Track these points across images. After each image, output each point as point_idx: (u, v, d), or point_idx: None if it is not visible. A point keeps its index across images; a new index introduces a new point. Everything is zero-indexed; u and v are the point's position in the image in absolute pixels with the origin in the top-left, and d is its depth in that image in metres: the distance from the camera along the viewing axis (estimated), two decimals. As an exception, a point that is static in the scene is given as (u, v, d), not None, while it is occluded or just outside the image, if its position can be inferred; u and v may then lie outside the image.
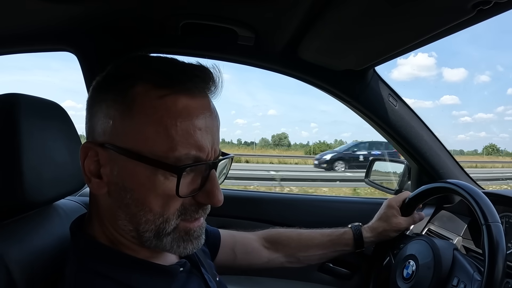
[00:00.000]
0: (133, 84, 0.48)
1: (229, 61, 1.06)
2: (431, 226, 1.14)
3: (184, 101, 0.48)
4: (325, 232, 0.94)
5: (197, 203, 0.52)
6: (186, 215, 0.51)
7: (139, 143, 0.47)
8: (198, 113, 0.49)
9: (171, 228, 0.50)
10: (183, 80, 0.49)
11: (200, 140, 0.48)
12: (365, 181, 1.40)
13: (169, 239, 0.51)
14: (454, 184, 0.80)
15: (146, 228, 0.50)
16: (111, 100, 0.49)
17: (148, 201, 0.49)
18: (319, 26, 0.79)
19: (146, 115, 0.47)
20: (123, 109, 0.48)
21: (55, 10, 0.82)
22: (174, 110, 0.47)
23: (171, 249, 0.52)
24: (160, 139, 0.47)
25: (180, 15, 0.86)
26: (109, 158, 0.49)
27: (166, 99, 0.48)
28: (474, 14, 0.62)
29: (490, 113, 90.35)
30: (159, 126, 0.47)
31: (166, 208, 0.49)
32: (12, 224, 0.62)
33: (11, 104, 0.59)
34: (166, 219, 0.50)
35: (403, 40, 0.77)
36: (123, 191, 0.49)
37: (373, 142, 14.17)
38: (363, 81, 1.05)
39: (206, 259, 0.73)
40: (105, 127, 0.49)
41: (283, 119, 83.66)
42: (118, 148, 0.48)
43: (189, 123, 0.48)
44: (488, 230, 0.68)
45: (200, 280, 0.62)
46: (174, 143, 0.47)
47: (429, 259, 0.79)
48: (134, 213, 0.49)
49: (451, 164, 1.17)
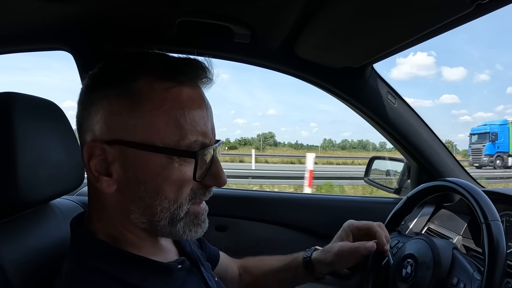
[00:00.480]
0: (135, 79, 0.50)
1: (226, 59, 1.06)
2: (431, 225, 1.14)
3: (187, 91, 0.51)
4: (282, 257, 0.90)
5: (204, 187, 0.55)
6: (196, 198, 0.54)
7: (151, 134, 0.49)
8: (199, 102, 0.52)
9: (184, 213, 0.53)
10: (185, 72, 0.51)
11: (204, 128, 0.52)
12: (365, 179, 1.39)
13: (182, 224, 0.54)
14: (454, 183, 0.79)
15: (162, 217, 0.52)
16: (114, 96, 0.50)
17: (163, 189, 0.51)
18: (314, 24, 0.79)
19: (155, 107, 0.49)
20: (130, 104, 0.49)
21: (50, 9, 0.82)
22: (181, 100, 0.50)
23: (183, 234, 0.54)
24: (170, 129, 0.49)
25: (175, 13, 0.86)
26: (119, 154, 0.50)
27: (172, 91, 0.50)
28: (473, 8, 0.61)
29: (490, 112, 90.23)
30: (168, 116, 0.49)
31: (179, 194, 0.52)
32: (8, 223, 0.62)
33: (6, 103, 0.59)
34: (180, 205, 0.52)
35: (401, 36, 0.77)
36: (136, 185, 0.50)
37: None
38: (361, 79, 1.04)
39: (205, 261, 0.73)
40: (110, 123, 0.50)
41: (283, 119, 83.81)
42: (129, 143, 0.49)
43: (194, 112, 0.51)
44: (488, 228, 0.66)
45: (199, 279, 0.62)
46: (184, 131, 0.50)
47: (428, 258, 0.79)
48: (148, 205, 0.51)
49: (451, 163, 1.17)
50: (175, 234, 0.54)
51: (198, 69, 0.53)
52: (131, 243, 0.54)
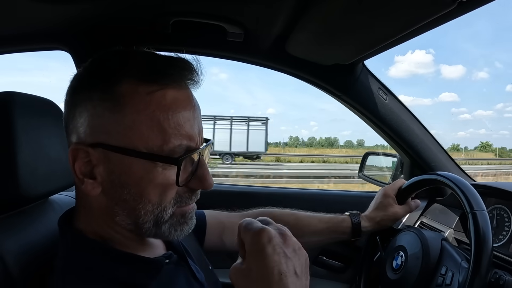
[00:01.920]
0: (119, 81, 0.48)
1: (220, 58, 1.07)
2: (423, 219, 1.15)
3: (172, 94, 0.49)
4: (323, 219, 0.92)
5: (190, 190, 0.54)
6: (181, 202, 0.53)
7: (133, 139, 0.48)
8: (185, 104, 0.51)
9: (168, 216, 0.52)
10: (169, 74, 0.50)
11: (190, 130, 0.50)
12: (359, 175, 1.40)
13: (167, 226, 0.53)
14: (441, 175, 0.81)
15: (146, 219, 0.51)
16: (98, 98, 0.49)
17: (146, 193, 0.50)
18: (304, 21, 0.80)
19: (138, 111, 0.48)
20: (113, 107, 0.48)
21: (48, 10, 0.83)
22: (164, 104, 0.48)
23: (169, 235, 0.54)
24: (153, 133, 0.48)
25: (170, 13, 0.87)
26: (102, 157, 0.49)
27: (155, 94, 0.48)
28: (455, 7, 0.62)
29: (489, 110, 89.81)
30: (151, 121, 0.48)
31: (163, 197, 0.51)
32: (8, 219, 0.63)
33: (5, 101, 0.60)
34: (164, 208, 0.51)
35: (387, 34, 0.78)
36: (120, 188, 0.50)
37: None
38: (352, 75, 1.05)
39: (196, 247, 0.73)
40: (94, 126, 0.49)
41: (283, 118, 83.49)
42: (112, 147, 0.48)
43: (179, 115, 0.49)
44: (474, 218, 0.68)
45: (187, 272, 0.62)
46: (168, 136, 0.48)
47: (418, 249, 0.80)
48: (132, 207, 0.50)
49: (442, 157, 1.18)
50: (161, 235, 0.54)
51: (184, 70, 0.51)
52: (117, 241, 0.54)
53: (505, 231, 0.91)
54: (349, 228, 0.90)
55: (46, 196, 0.71)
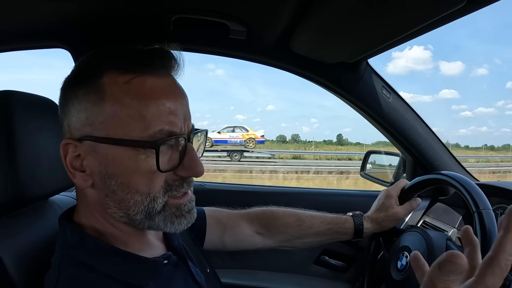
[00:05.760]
0: (100, 75, 0.50)
1: (222, 55, 1.06)
2: (426, 218, 1.15)
3: (151, 81, 0.51)
4: (326, 219, 0.91)
5: (180, 178, 0.54)
6: (172, 191, 0.53)
7: (115, 129, 0.50)
8: (166, 91, 0.52)
9: (161, 206, 0.52)
10: (147, 62, 0.51)
11: (172, 116, 0.51)
12: (361, 174, 1.40)
13: (161, 218, 0.53)
14: (445, 175, 0.81)
15: (136, 210, 0.52)
16: (82, 94, 0.51)
17: (133, 182, 0.51)
18: (309, 19, 0.79)
19: (118, 101, 0.50)
20: (95, 100, 0.50)
21: (48, 7, 0.82)
22: (143, 91, 0.50)
23: (165, 227, 0.54)
24: (134, 121, 0.49)
25: (171, 10, 0.86)
26: (90, 149, 0.51)
27: (133, 82, 0.50)
28: (464, 4, 0.61)
29: (490, 107, 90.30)
30: (130, 109, 0.49)
31: (151, 186, 0.51)
32: (8, 219, 0.62)
33: (5, 101, 0.60)
34: (153, 198, 0.52)
35: (394, 32, 0.77)
36: (108, 179, 0.51)
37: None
38: (356, 74, 1.05)
39: (195, 249, 0.73)
40: (80, 121, 0.51)
41: (283, 114, 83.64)
42: (96, 138, 0.50)
43: (158, 101, 0.50)
44: (480, 217, 0.67)
45: (186, 274, 0.62)
46: (147, 122, 0.49)
47: (422, 249, 0.80)
48: (121, 198, 0.51)
49: (446, 156, 1.18)
50: (156, 227, 0.54)
51: (162, 58, 0.53)
52: (117, 238, 0.55)
53: (508, 231, 0.91)
54: (351, 229, 0.90)
55: (46, 196, 0.71)
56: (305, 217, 0.92)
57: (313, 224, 0.90)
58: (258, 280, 1.26)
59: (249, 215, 0.91)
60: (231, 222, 0.88)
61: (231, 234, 0.87)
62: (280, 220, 0.90)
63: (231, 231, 0.87)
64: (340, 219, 0.91)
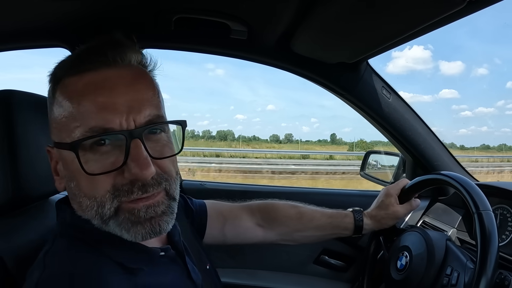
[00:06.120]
0: (58, 82, 0.53)
1: (223, 55, 1.06)
2: (426, 218, 1.15)
3: (87, 78, 0.50)
4: (326, 213, 0.91)
5: (130, 182, 0.49)
6: (121, 196, 0.49)
7: (58, 132, 0.52)
8: (101, 85, 0.49)
9: (112, 211, 0.49)
10: (86, 60, 0.51)
11: (104, 112, 0.48)
12: (361, 174, 1.40)
13: (114, 223, 0.50)
14: (446, 175, 0.81)
15: (90, 215, 0.51)
16: (50, 105, 0.54)
17: (81, 186, 0.50)
18: (310, 20, 0.79)
19: (58, 105, 0.51)
20: (52, 108, 0.53)
21: (47, 6, 0.82)
22: (76, 90, 0.50)
23: (122, 234, 0.51)
24: (69, 122, 0.49)
25: (172, 10, 0.86)
26: (58, 154, 0.54)
27: (69, 84, 0.51)
28: (464, 6, 0.61)
29: (490, 107, 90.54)
30: (65, 110, 0.50)
31: (94, 190, 0.49)
32: (8, 219, 0.63)
33: (6, 100, 0.60)
34: (100, 203, 0.49)
35: (395, 32, 0.77)
36: (69, 182, 0.53)
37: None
38: (356, 74, 1.05)
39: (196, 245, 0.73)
40: (49, 128, 0.55)
41: (283, 114, 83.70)
42: (54, 143, 0.54)
43: (91, 97, 0.48)
44: (480, 218, 0.67)
45: (182, 270, 0.61)
46: (79, 121, 0.48)
47: (422, 250, 0.80)
48: (78, 202, 0.52)
49: (445, 157, 1.18)
50: (116, 232, 0.51)
51: (98, 51, 0.51)
52: None
53: (508, 231, 0.91)
54: (351, 224, 0.90)
55: (47, 196, 0.71)
56: (306, 210, 0.92)
57: (313, 217, 0.91)
58: (258, 280, 1.26)
59: (250, 207, 0.90)
60: (232, 214, 0.88)
61: (232, 226, 0.86)
62: (281, 212, 0.90)
63: (232, 223, 0.86)
64: (340, 214, 0.92)
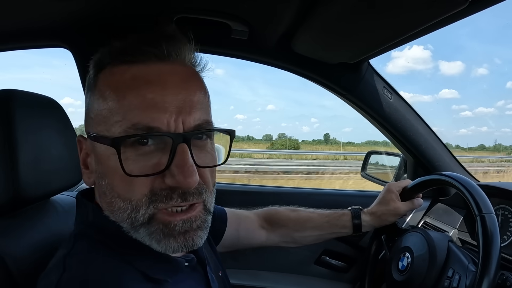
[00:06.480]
0: (99, 72, 0.50)
1: (224, 55, 1.06)
2: (427, 219, 1.15)
3: (136, 70, 0.46)
4: (323, 213, 0.93)
5: (169, 188, 0.45)
6: (158, 202, 0.45)
7: (98, 125, 0.48)
8: (152, 80, 0.46)
9: (145, 218, 0.46)
10: (134, 49, 0.47)
11: (152, 109, 0.44)
12: (362, 174, 1.40)
13: (145, 232, 0.46)
14: (448, 176, 0.80)
15: (121, 218, 0.47)
16: (89, 93, 0.52)
17: (115, 185, 0.46)
18: (311, 20, 0.79)
19: (101, 95, 0.48)
20: (91, 96, 0.51)
21: (49, 7, 0.82)
22: (122, 81, 0.46)
23: (150, 244, 0.47)
24: (112, 115, 0.46)
25: (173, 10, 0.86)
26: (91, 147, 0.51)
27: (115, 73, 0.48)
28: (466, 6, 0.61)
29: (490, 107, 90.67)
30: (109, 102, 0.46)
31: (131, 192, 0.45)
32: (10, 219, 0.63)
33: (6, 100, 0.60)
34: (135, 207, 0.45)
35: (396, 33, 0.77)
36: (101, 178, 0.49)
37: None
38: (358, 74, 1.05)
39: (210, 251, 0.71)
40: (86, 119, 0.52)
41: (283, 114, 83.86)
42: (91, 135, 0.50)
43: (139, 92, 0.45)
44: (482, 221, 0.67)
45: (202, 278, 0.59)
46: (121, 116, 0.45)
47: (424, 251, 0.80)
48: (109, 202, 0.48)
49: (446, 157, 1.18)
50: (145, 241, 0.47)
51: (152, 43, 0.48)
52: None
53: (509, 232, 0.91)
54: (349, 222, 0.91)
55: (47, 196, 0.71)
56: (303, 211, 0.95)
57: (310, 218, 0.93)
58: (259, 280, 1.26)
59: (255, 211, 0.95)
60: (243, 215, 0.92)
61: (245, 225, 0.90)
62: (281, 215, 0.94)
63: (244, 222, 0.90)
64: (337, 213, 0.94)
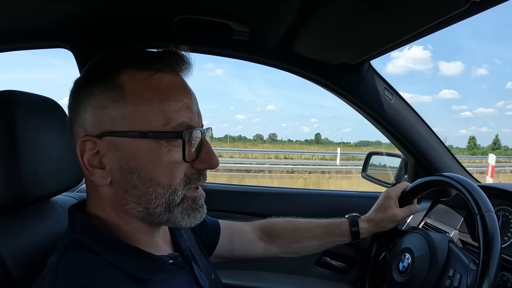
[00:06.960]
0: (118, 73, 0.52)
1: (225, 56, 1.06)
2: (427, 220, 1.15)
3: (168, 78, 0.54)
4: (321, 223, 0.94)
5: (198, 171, 0.56)
6: (191, 183, 0.55)
7: (137, 122, 0.51)
8: (181, 87, 0.55)
9: (180, 199, 0.54)
10: (163, 61, 0.55)
11: (189, 111, 0.54)
12: (362, 175, 1.40)
13: (179, 210, 0.55)
14: (448, 177, 0.80)
15: (157, 203, 0.53)
16: (99, 91, 0.52)
17: (155, 175, 0.52)
18: (313, 21, 0.79)
19: (138, 96, 0.51)
20: (114, 96, 0.51)
21: (50, 7, 0.82)
22: (162, 87, 0.52)
23: (182, 220, 0.56)
24: (156, 114, 0.51)
25: (174, 11, 0.86)
26: (110, 145, 0.52)
27: (152, 79, 0.52)
28: (467, 7, 0.61)
29: (490, 107, 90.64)
30: (152, 103, 0.51)
31: (172, 179, 0.53)
32: (9, 220, 0.62)
33: (7, 100, 0.60)
34: (174, 190, 0.53)
35: (397, 34, 0.77)
36: (130, 173, 0.52)
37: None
38: (359, 75, 1.05)
39: (201, 255, 0.73)
40: (98, 117, 0.52)
41: (283, 114, 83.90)
42: (118, 132, 0.51)
43: (177, 97, 0.53)
44: (482, 219, 0.67)
45: (190, 276, 0.62)
46: (168, 116, 0.51)
47: (425, 251, 0.80)
48: (143, 192, 0.53)
49: (447, 158, 1.18)
50: (174, 220, 0.55)
51: (177, 57, 0.56)
52: (127, 236, 0.55)
53: (510, 232, 0.91)
54: (347, 230, 0.92)
55: (47, 197, 0.71)
56: (300, 222, 0.96)
57: (308, 228, 0.94)
58: (259, 281, 1.26)
59: (252, 223, 0.95)
60: (238, 227, 0.93)
61: (239, 237, 0.91)
62: (278, 226, 0.95)
63: (239, 235, 0.91)
64: (335, 222, 0.94)
